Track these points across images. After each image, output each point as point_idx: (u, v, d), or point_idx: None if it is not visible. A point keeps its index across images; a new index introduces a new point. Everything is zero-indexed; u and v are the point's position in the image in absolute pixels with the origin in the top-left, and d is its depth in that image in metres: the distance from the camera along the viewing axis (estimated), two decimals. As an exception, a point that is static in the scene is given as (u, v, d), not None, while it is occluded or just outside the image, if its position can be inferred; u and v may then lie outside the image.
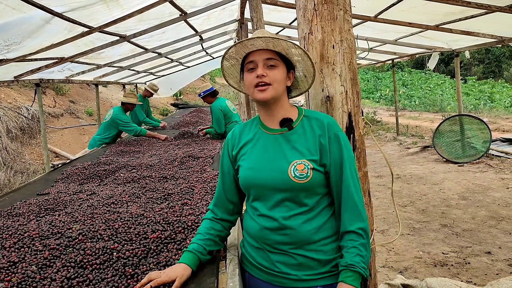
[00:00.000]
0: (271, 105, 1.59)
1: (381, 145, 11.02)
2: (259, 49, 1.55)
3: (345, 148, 1.55)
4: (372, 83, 28.55)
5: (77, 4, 3.50)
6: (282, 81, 1.57)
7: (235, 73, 1.72)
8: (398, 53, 9.92)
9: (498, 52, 29.44)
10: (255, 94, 1.56)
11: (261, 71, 1.53)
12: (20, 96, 10.87)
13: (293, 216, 1.53)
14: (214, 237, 1.70)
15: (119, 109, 6.07)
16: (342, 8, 1.75)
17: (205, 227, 1.72)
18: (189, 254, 1.62)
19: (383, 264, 4.07)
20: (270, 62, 1.55)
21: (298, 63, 1.62)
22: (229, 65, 1.70)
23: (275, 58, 1.56)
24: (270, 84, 1.53)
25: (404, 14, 5.72)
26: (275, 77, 1.55)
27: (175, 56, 8.67)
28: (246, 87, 1.62)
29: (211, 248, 1.68)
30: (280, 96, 1.58)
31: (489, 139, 8.04)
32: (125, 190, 3.11)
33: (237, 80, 1.74)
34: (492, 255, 4.12)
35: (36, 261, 1.82)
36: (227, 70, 1.71)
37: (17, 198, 3.09)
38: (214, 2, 5.32)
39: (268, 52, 1.55)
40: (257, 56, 1.55)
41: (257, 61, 1.55)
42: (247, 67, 1.58)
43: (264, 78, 1.53)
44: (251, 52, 1.57)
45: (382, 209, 5.72)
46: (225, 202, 1.74)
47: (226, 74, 1.73)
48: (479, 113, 14.88)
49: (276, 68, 1.56)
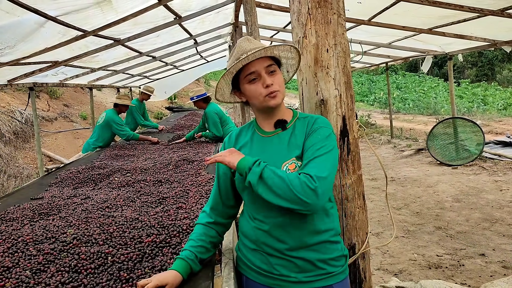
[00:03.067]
0: (275, 108, 1.62)
1: (376, 148, 11.06)
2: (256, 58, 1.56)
3: (323, 134, 1.53)
4: (366, 86, 28.68)
5: (71, 8, 3.50)
6: (283, 83, 1.62)
7: (224, 89, 1.70)
8: (392, 56, 9.98)
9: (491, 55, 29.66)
10: (266, 102, 1.57)
11: (269, 80, 1.55)
12: (13, 100, 10.82)
13: (290, 218, 1.53)
14: (206, 244, 1.68)
15: (112, 112, 6.03)
16: (336, 12, 1.76)
17: (197, 233, 1.70)
18: (181, 262, 1.60)
19: (378, 267, 4.08)
20: (270, 68, 1.57)
21: (285, 62, 1.69)
22: (224, 83, 1.67)
23: (273, 63, 1.59)
24: (279, 90, 1.57)
25: (398, 17, 5.75)
26: (279, 82, 1.59)
27: (169, 60, 8.67)
28: (250, 97, 1.61)
29: (203, 256, 1.66)
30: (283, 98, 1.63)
31: (483, 141, 8.09)
32: (119, 194, 3.10)
33: (223, 93, 1.71)
34: (486, 257, 4.14)
35: (30, 266, 1.81)
36: (220, 87, 1.68)
37: (11, 203, 3.07)
38: (208, 6, 5.33)
39: (265, 59, 1.57)
40: (257, 66, 1.56)
41: (259, 71, 1.56)
42: (248, 78, 1.58)
43: (273, 87, 1.55)
44: (249, 63, 1.57)
45: (376, 211, 5.73)
46: (220, 205, 1.73)
47: (217, 90, 1.70)
48: (472, 116, 14.99)
49: (276, 72, 1.59)
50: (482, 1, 4.59)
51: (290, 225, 1.53)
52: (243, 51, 1.54)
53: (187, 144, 5.50)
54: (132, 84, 10.92)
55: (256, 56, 1.54)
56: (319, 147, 1.49)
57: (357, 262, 1.89)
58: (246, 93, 1.62)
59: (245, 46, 1.57)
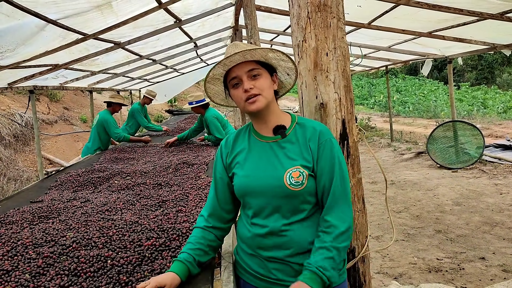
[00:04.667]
0: (263, 112, 1.59)
1: (376, 151, 11.06)
2: (238, 63, 1.55)
3: (336, 153, 1.55)
4: (366, 89, 28.69)
5: (72, 11, 3.51)
6: (269, 87, 1.58)
7: (220, 91, 1.72)
8: (391, 60, 10.00)
9: (491, 58, 29.69)
10: (246, 107, 1.56)
11: (247, 85, 1.53)
12: (13, 103, 10.83)
13: (288, 224, 1.53)
14: (205, 247, 1.66)
15: (105, 112, 5.97)
16: (335, 16, 1.76)
17: (196, 236, 1.68)
18: (179, 264, 1.59)
19: (378, 270, 4.07)
20: (253, 72, 1.55)
21: (279, 66, 1.64)
22: (213, 87, 1.69)
23: (256, 67, 1.56)
24: (260, 94, 1.54)
25: (398, 21, 5.77)
26: (262, 86, 1.55)
27: (169, 63, 8.69)
28: (236, 102, 1.62)
29: (201, 259, 1.64)
30: (270, 102, 1.59)
31: (483, 145, 8.10)
32: (119, 197, 3.10)
33: (223, 97, 1.73)
34: (486, 260, 4.14)
35: (30, 269, 1.81)
36: (211, 91, 1.70)
37: (10, 206, 3.07)
38: (208, 9, 5.34)
39: (248, 63, 1.55)
40: (238, 71, 1.55)
41: (240, 76, 1.54)
42: (231, 83, 1.58)
43: (252, 91, 1.53)
44: (232, 68, 1.56)
45: (376, 215, 5.73)
46: (218, 210, 1.70)
47: (211, 95, 1.73)
48: (472, 119, 14.99)
49: (260, 76, 1.56)
50: (482, 5, 4.60)
51: (288, 231, 1.53)
52: (226, 55, 1.54)
53: (187, 147, 5.49)
54: (132, 87, 10.94)
55: (235, 62, 1.53)
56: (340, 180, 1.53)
57: (357, 265, 1.89)
58: (233, 99, 1.62)
59: (230, 51, 1.56)
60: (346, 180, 1.55)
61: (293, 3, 1.84)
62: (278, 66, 1.65)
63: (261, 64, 1.58)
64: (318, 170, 1.54)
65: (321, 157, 1.54)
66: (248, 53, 1.52)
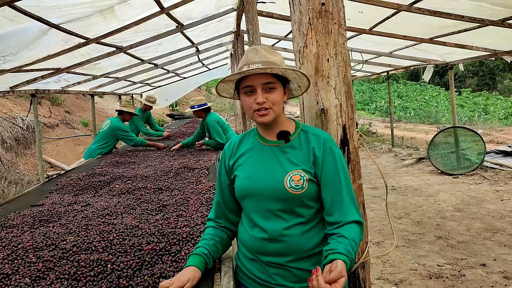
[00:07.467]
0: (269, 123, 1.60)
1: (376, 156, 11.05)
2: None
3: (339, 160, 1.56)
4: (367, 94, 28.72)
5: (74, 15, 3.52)
6: (281, 102, 1.58)
7: (229, 89, 1.71)
8: (393, 65, 10.01)
9: (492, 64, 29.73)
10: (255, 118, 1.57)
11: (260, 98, 1.52)
12: (15, 107, 10.86)
13: (288, 228, 1.54)
14: (218, 243, 1.68)
15: (117, 119, 6.04)
16: (336, 22, 1.77)
17: (209, 234, 1.70)
18: (197, 257, 1.59)
19: (378, 276, 4.06)
20: (269, 85, 1.53)
21: (293, 79, 1.63)
22: (223, 84, 1.68)
23: (273, 81, 1.54)
24: (271, 108, 1.54)
25: (399, 27, 5.79)
26: (274, 100, 1.54)
27: (171, 67, 8.72)
28: (244, 108, 1.61)
29: (215, 255, 1.66)
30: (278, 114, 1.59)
31: (484, 151, 8.09)
32: (120, 201, 3.10)
33: (230, 93, 1.73)
34: (487, 267, 4.13)
35: (30, 273, 1.81)
36: (220, 87, 1.69)
37: (11, 209, 3.07)
38: (210, 14, 5.36)
39: (265, 76, 1.53)
40: (255, 81, 1.53)
41: (255, 86, 1.53)
42: (245, 90, 1.56)
43: (264, 104, 1.52)
44: (248, 76, 1.54)
45: (377, 220, 5.72)
46: (225, 212, 1.73)
47: (220, 91, 1.72)
48: (473, 125, 14.99)
49: (275, 90, 1.55)
50: (483, 11, 4.62)
51: (289, 234, 1.53)
52: (247, 62, 1.53)
53: (188, 152, 5.50)
54: (134, 91, 10.96)
55: (252, 73, 1.51)
56: (345, 186, 1.55)
57: (357, 271, 1.89)
58: (242, 103, 1.62)
59: (250, 57, 1.55)
60: (350, 186, 1.57)
61: (294, 9, 1.85)
62: (292, 79, 1.63)
63: (277, 76, 1.57)
64: (323, 178, 1.54)
65: (325, 165, 1.54)
66: (269, 69, 1.50)
